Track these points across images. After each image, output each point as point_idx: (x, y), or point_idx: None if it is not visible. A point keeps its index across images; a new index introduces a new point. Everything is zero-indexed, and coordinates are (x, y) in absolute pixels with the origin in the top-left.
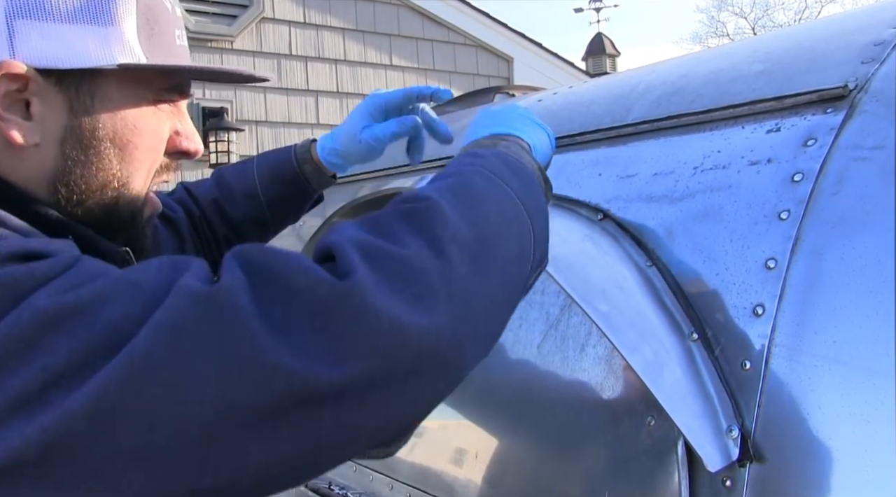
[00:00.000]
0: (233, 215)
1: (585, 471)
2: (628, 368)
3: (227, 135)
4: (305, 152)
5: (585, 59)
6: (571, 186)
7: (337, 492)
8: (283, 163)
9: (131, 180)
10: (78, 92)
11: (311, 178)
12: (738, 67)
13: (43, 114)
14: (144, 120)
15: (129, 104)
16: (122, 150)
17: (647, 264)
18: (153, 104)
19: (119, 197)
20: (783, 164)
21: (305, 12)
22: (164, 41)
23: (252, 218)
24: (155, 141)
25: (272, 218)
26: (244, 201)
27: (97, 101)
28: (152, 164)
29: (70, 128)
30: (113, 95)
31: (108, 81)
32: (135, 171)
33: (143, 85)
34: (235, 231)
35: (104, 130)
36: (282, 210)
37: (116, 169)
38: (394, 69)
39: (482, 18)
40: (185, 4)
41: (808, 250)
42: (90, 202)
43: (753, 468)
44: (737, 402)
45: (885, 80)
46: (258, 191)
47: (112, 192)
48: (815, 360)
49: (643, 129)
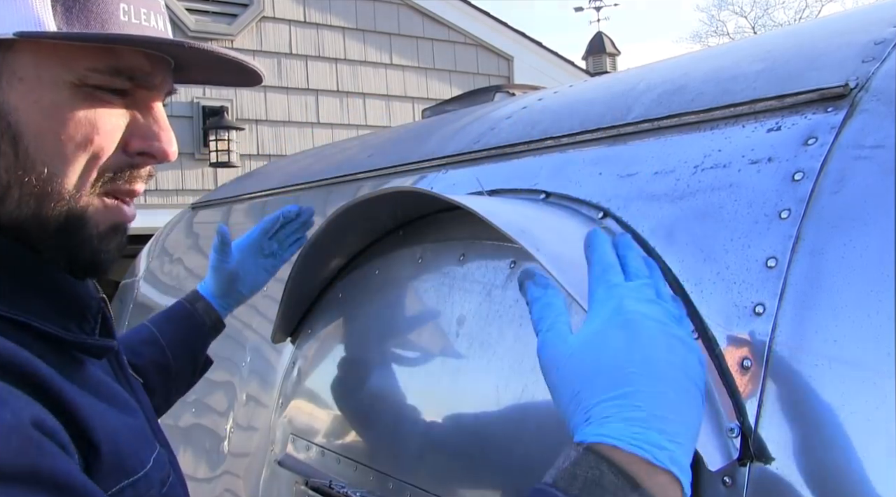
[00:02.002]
0: (136, 362)
1: None
2: None
3: (227, 134)
4: (194, 294)
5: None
6: (572, 185)
7: (337, 490)
8: (174, 306)
9: (59, 176)
10: None
11: (202, 313)
12: (738, 66)
13: None
14: (69, 106)
15: (46, 86)
16: (41, 140)
17: None
18: (80, 87)
19: (45, 195)
20: (784, 162)
21: (305, 11)
22: (98, 12)
23: (154, 362)
24: (88, 133)
25: (174, 361)
26: (144, 348)
27: (4, 80)
28: (92, 161)
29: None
30: (26, 74)
31: (20, 57)
32: (65, 166)
33: (65, 64)
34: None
35: (16, 114)
36: (181, 351)
37: (39, 162)
38: (394, 68)
39: (482, 17)
40: (186, 3)
41: (809, 249)
42: (10, 199)
43: (754, 467)
44: (737, 400)
45: (885, 79)
46: (157, 335)
47: (37, 189)
48: (816, 360)
49: (643, 128)
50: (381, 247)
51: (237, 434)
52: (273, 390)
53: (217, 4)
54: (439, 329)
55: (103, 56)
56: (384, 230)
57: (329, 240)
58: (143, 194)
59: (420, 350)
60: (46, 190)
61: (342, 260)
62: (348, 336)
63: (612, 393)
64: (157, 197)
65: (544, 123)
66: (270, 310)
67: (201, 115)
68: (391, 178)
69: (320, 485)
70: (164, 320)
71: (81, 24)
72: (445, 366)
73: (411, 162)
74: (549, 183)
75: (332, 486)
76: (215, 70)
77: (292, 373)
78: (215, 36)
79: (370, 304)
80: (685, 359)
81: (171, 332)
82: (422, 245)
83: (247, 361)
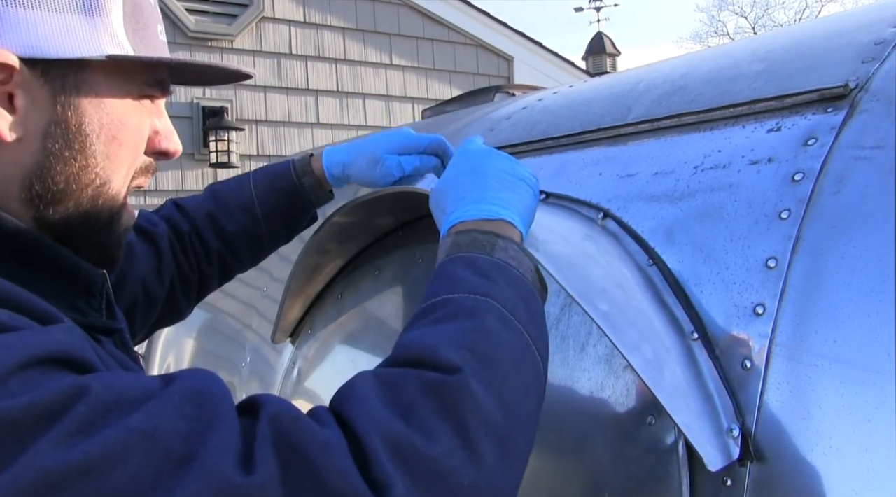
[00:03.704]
0: (227, 228)
1: (585, 470)
2: (628, 368)
3: (227, 134)
4: (305, 165)
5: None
6: (572, 186)
7: None
8: (281, 174)
9: (112, 179)
10: (64, 84)
11: (309, 190)
12: (738, 66)
13: (27, 107)
14: (128, 115)
15: (115, 98)
16: (106, 147)
17: (648, 263)
18: (137, 99)
19: (99, 197)
20: (784, 163)
21: (305, 11)
22: (149, 35)
23: (247, 232)
24: (137, 138)
25: (267, 232)
26: (239, 214)
27: (83, 94)
28: (133, 162)
29: (55, 122)
30: (99, 89)
31: (95, 74)
32: (116, 170)
33: (129, 78)
34: (228, 245)
35: (90, 125)
36: (277, 224)
37: (100, 167)
38: (394, 68)
39: (482, 18)
40: (185, 3)
41: (809, 250)
42: (68, 202)
43: (754, 467)
44: (737, 401)
45: (885, 80)
46: (255, 203)
47: (93, 192)
48: (816, 360)
49: (643, 129)
50: (381, 247)
51: None
52: (273, 390)
53: (217, 5)
54: None
55: (153, 71)
56: (384, 230)
57: (329, 240)
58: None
59: None
60: (101, 193)
61: (342, 260)
62: (348, 336)
63: (463, 195)
64: (157, 197)
65: (544, 124)
66: (270, 310)
67: (201, 116)
68: None
69: None
70: (268, 188)
71: (143, 44)
72: None
73: None
74: (549, 183)
75: None
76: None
77: (292, 373)
78: (215, 36)
79: (370, 304)
80: (510, 165)
81: (270, 205)
82: (422, 245)
83: (247, 361)
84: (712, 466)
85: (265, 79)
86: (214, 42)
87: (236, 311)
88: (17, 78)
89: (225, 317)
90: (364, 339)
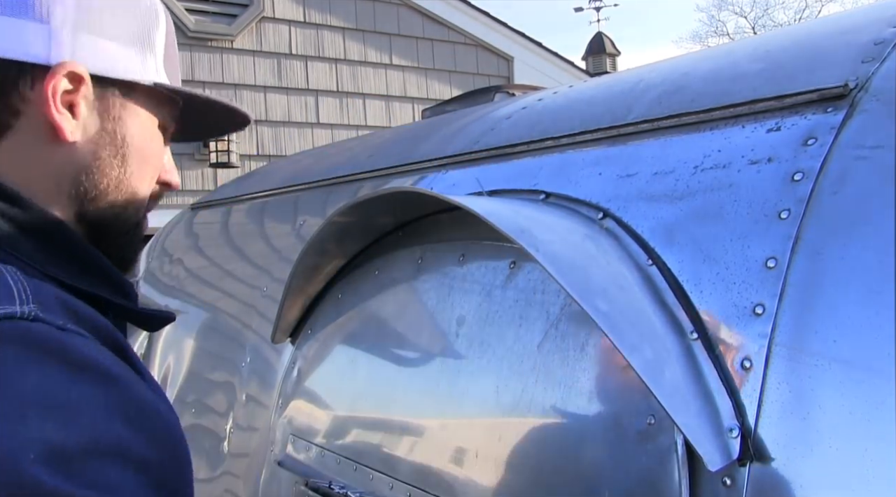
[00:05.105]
0: None
1: (585, 470)
2: (628, 368)
3: (227, 134)
4: None
5: (585, 58)
6: (571, 185)
7: (337, 490)
8: None
9: (139, 191)
10: (115, 101)
11: None
12: (738, 66)
13: (85, 115)
14: (155, 139)
15: (149, 121)
16: (138, 161)
17: (648, 263)
18: (161, 127)
19: (129, 203)
20: (783, 163)
21: (305, 12)
22: (176, 71)
23: None
24: (158, 161)
25: None
26: None
27: (128, 112)
28: (151, 182)
29: (105, 131)
30: (140, 111)
31: (139, 97)
32: (142, 182)
33: (158, 107)
34: None
35: (131, 139)
36: None
37: (134, 177)
38: (394, 68)
39: (482, 18)
40: (185, 3)
41: (809, 250)
42: (105, 201)
43: (754, 467)
44: (737, 401)
45: (885, 79)
46: None
47: (125, 197)
48: (816, 360)
49: (643, 128)
50: (381, 247)
51: (237, 434)
52: (273, 391)
53: (217, 5)
54: (439, 329)
55: (174, 107)
56: (384, 230)
57: (329, 240)
58: None
59: (420, 350)
60: (131, 199)
61: (342, 260)
62: (348, 336)
63: None
64: None
65: (544, 124)
66: (270, 310)
67: None
68: (391, 179)
69: (320, 485)
70: None
71: (174, 79)
72: (445, 366)
73: (411, 162)
74: (548, 183)
75: (332, 487)
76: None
77: (292, 373)
78: (215, 36)
79: (370, 304)
80: None
81: None
82: (421, 245)
83: (247, 362)
84: (712, 466)
85: (265, 79)
86: (214, 42)
87: (236, 311)
88: (83, 89)
89: (225, 317)
90: (364, 339)
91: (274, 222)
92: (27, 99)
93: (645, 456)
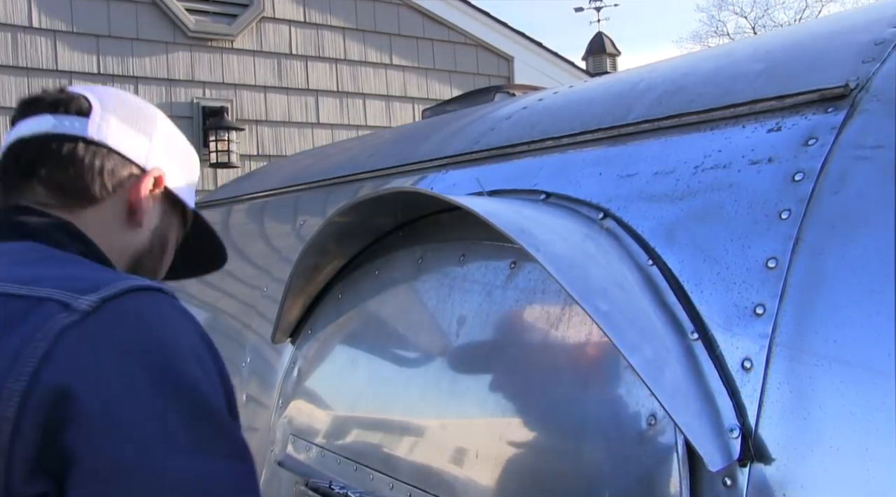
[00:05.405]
0: None
1: (586, 470)
2: (629, 368)
3: (227, 134)
4: None
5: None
6: (572, 185)
7: (337, 490)
8: None
9: (160, 274)
10: (167, 208)
11: None
12: (738, 66)
13: (152, 212)
14: (174, 246)
15: (178, 231)
16: (169, 256)
17: (648, 263)
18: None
19: (154, 275)
20: (784, 163)
21: (306, 11)
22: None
23: None
24: (170, 260)
25: None
26: None
27: (172, 219)
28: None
29: (160, 228)
30: (177, 222)
31: (179, 213)
32: (163, 269)
33: (183, 224)
34: None
35: (171, 238)
36: None
37: (164, 264)
38: (394, 68)
39: (482, 18)
40: (185, 3)
41: (809, 250)
42: (140, 272)
43: (754, 468)
44: (737, 401)
45: (885, 80)
46: None
47: (154, 275)
48: (816, 360)
49: (644, 129)
50: (381, 247)
51: None
52: (273, 391)
53: (217, 5)
54: (439, 329)
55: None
56: (384, 230)
57: (329, 240)
58: None
59: (420, 350)
60: (158, 272)
61: (342, 260)
62: (348, 336)
63: None
64: None
65: (544, 124)
66: (270, 310)
67: (201, 116)
68: (391, 179)
69: (320, 485)
70: None
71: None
72: (445, 366)
73: (412, 162)
74: (549, 183)
75: (332, 487)
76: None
77: (292, 373)
78: (215, 36)
79: (370, 304)
80: None
81: None
82: (422, 246)
83: (247, 362)
84: (712, 466)
85: (265, 79)
86: (214, 42)
87: (236, 311)
88: (156, 193)
89: (225, 317)
90: (364, 339)
91: (274, 222)
92: (123, 185)
93: (645, 456)
